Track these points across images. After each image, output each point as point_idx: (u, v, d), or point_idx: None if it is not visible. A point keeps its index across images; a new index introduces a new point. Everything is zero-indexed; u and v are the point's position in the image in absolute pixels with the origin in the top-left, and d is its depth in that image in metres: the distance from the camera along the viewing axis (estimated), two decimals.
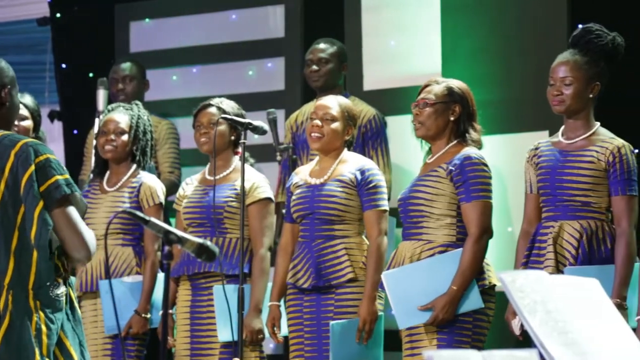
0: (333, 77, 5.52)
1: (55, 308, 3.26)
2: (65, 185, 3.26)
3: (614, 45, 4.07)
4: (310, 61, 5.54)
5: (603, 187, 4.00)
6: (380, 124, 5.47)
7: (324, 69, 5.50)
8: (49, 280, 3.24)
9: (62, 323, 3.27)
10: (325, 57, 5.52)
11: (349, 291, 4.35)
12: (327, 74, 5.50)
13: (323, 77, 5.50)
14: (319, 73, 5.49)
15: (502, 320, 4.14)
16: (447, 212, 4.11)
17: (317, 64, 5.50)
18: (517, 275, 2.35)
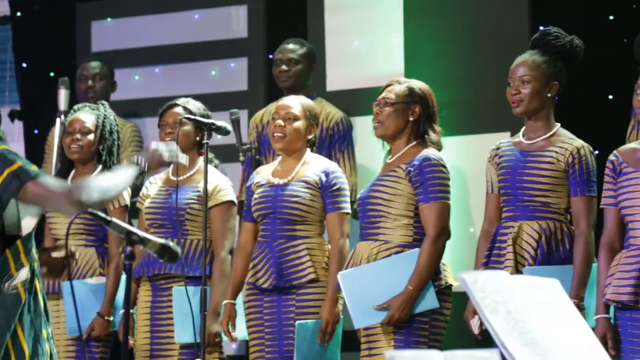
0: (302, 78, 5.52)
1: (10, 303, 3.20)
2: (28, 166, 3.20)
3: (572, 47, 4.12)
4: (280, 61, 5.54)
5: (562, 188, 4.04)
6: (347, 126, 5.49)
7: (293, 69, 5.51)
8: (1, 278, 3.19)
9: (20, 314, 3.22)
10: (295, 57, 5.52)
11: (310, 292, 4.36)
12: (296, 75, 5.50)
13: (292, 78, 5.50)
14: (288, 73, 5.49)
15: (461, 320, 4.17)
16: (405, 213, 4.13)
17: (287, 64, 5.50)
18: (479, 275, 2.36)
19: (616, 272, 3.71)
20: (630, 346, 3.68)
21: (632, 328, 3.69)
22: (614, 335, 3.72)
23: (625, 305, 3.69)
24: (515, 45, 5.40)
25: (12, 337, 3.20)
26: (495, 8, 5.72)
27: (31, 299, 3.26)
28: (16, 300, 3.22)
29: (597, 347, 2.39)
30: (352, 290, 4.12)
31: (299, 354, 4.24)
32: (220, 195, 4.66)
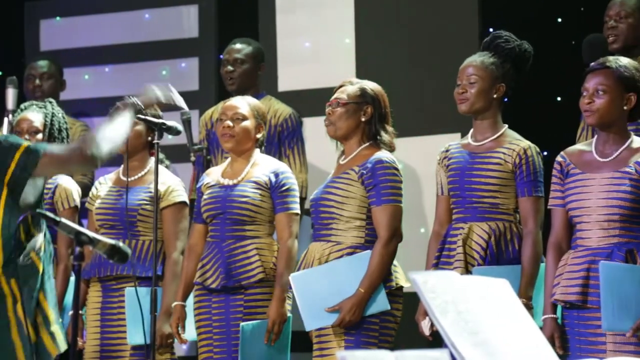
0: (249, 78, 5.51)
1: (27, 274, 3.24)
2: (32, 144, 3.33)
3: (521, 51, 4.16)
4: (226, 61, 5.52)
5: (510, 189, 4.08)
6: (296, 123, 5.48)
7: (239, 69, 5.49)
8: (14, 252, 3.24)
9: (41, 283, 3.28)
10: (241, 57, 5.51)
11: (258, 291, 4.35)
12: (242, 75, 5.49)
13: (238, 79, 5.49)
14: (234, 74, 5.48)
15: (412, 321, 4.19)
16: (357, 215, 4.14)
17: (233, 65, 5.49)
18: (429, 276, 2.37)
19: (564, 272, 3.74)
20: (577, 345, 3.73)
21: (579, 327, 3.73)
22: (561, 334, 3.76)
23: (573, 305, 3.73)
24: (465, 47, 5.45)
25: (37, 307, 3.25)
26: (446, 10, 5.76)
27: (48, 267, 3.30)
28: (33, 271, 3.27)
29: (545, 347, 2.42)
30: (303, 292, 4.12)
31: (243, 356, 4.23)
32: (172, 196, 4.64)
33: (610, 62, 3.75)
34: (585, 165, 3.76)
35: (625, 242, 3.68)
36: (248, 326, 4.25)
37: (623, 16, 4.79)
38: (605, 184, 3.70)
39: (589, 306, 3.69)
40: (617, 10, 4.81)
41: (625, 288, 3.62)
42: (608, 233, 3.69)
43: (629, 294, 3.61)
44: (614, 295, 3.61)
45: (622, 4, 4.83)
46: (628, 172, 3.69)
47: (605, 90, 3.71)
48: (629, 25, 4.78)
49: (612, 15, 4.82)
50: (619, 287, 3.62)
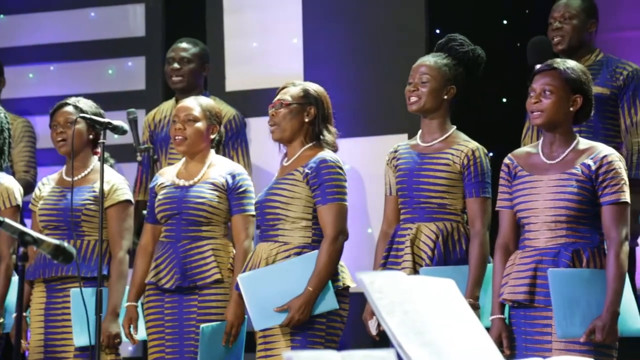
0: (194, 78, 5.49)
1: None
2: None
3: (474, 55, 4.19)
4: (172, 59, 5.50)
5: (458, 190, 4.10)
6: (240, 124, 5.48)
7: (185, 68, 5.47)
8: None
9: None
10: (187, 56, 5.49)
11: (213, 292, 4.33)
12: (188, 74, 5.47)
13: (184, 77, 5.47)
14: (180, 72, 5.46)
15: (359, 321, 4.20)
16: (303, 215, 4.14)
17: (179, 63, 5.47)
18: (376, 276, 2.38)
19: (512, 272, 3.77)
20: (523, 344, 3.76)
21: (525, 326, 3.76)
22: (509, 335, 3.79)
23: (520, 304, 3.76)
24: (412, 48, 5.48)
25: None
26: (393, 11, 5.78)
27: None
28: None
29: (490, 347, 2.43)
30: (251, 292, 4.11)
31: (202, 357, 4.21)
32: (117, 195, 4.61)
33: (557, 63, 3.79)
34: (533, 167, 3.79)
35: (572, 242, 3.71)
36: (208, 328, 4.24)
37: (567, 17, 4.83)
38: (553, 185, 3.73)
39: (535, 305, 3.72)
40: (562, 11, 4.86)
41: (574, 293, 3.66)
42: (555, 234, 3.72)
43: (578, 298, 3.65)
44: (564, 301, 3.65)
45: (567, 5, 4.87)
46: (574, 173, 3.73)
47: (552, 91, 3.75)
48: (573, 26, 4.83)
49: (556, 17, 4.87)
50: (568, 293, 3.65)
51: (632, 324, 3.74)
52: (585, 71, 3.81)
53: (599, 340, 3.62)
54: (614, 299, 3.63)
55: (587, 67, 4.72)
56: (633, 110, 4.74)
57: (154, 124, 5.51)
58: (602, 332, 3.61)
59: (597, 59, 4.83)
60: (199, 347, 4.20)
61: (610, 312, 3.62)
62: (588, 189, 3.71)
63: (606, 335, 3.61)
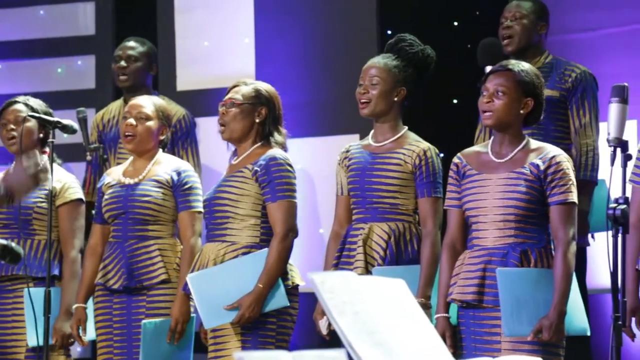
0: (141, 76, 5.47)
1: None
2: None
3: (424, 55, 4.21)
4: (119, 57, 5.48)
5: (410, 190, 4.12)
6: (190, 124, 5.46)
7: (132, 66, 5.45)
8: None
9: None
10: (135, 55, 5.46)
11: (161, 292, 4.32)
12: (134, 72, 5.44)
13: (131, 76, 5.44)
14: (126, 70, 5.43)
15: (310, 321, 4.20)
16: (252, 213, 4.14)
17: (126, 61, 5.44)
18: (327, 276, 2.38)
19: (461, 272, 3.80)
20: (472, 344, 3.78)
21: (474, 326, 3.79)
22: (452, 333, 3.81)
23: (469, 305, 3.79)
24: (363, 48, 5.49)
25: None
26: (345, 11, 5.80)
27: None
28: None
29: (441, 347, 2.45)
30: (201, 291, 4.10)
31: (145, 354, 4.19)
32: (68, 194, 4.58)
33: (512, 65, 3.82)
34: (482, 166, 3.82)
35: (520, 242, 3.74)
36: (150, 324, 4.22)
37: (518, 17, 4.87)
38: (501, 184, 3.76)
39: (484, 305, 3.75)
40: (513, 11, 4.89)
41: (522, 292, 3.69)
42: (504, 233, 3.75)
43: (526, 297, 3.68)
44: (512, 300, 3.68)
45: (518, 5, 4.91)
46: (523, 172, 3.76)
47: (505, 92, 3.78)
48: (523, 26, 4.86)
49: (507, 17, 4.90)
50: (516, 292, 3.68)
51: (579, 323, 3.78)
52: (538, 75, 3.85)
53: (546, 339, 3.65)
54: (560, 299, 3.67)
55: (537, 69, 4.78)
56: (582, 112, 4.79)
57: (103, 124, 5.48)
58: (549, 330, 3.64)
59: (546, 61, 4.87)
60: (141, 343, 4.18)
61: (557, 311, 3.66)
62: (536, 189, 3.75)
63: (553, 334, 3.65)
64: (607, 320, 3.37)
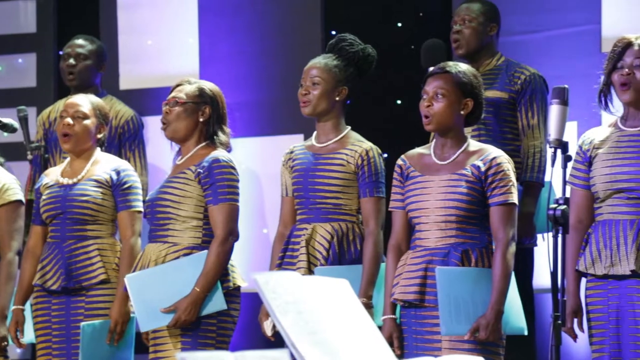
0: (89, 75, 5.42)
1: None
2: None
3: (365, 55, 4.22)
4: (68, 55, 5.43)
5: (353, 190, 4.13)
6: (137, 125, 5.43)
7: (80, 64, 5.40)
8: None
9: None
10: (84, 53, 5.42)
11: (100, 293, 4.29)
12: (83, 71, 5.40)
13: (79, 74, 5.40)
14: (75, 68, 5.38)
15: (254, 321, 4.19)
16: (194, 215, 4.12)
17: (75, 59, 5.40)
18: (270, 276, 2.38)
19: (403, 272, 3.82)
20: (414, 343, 3.80)
21: (416, 326, 3.81)
22: (400, 334, 3.83)
23: (411, 304, 3.81)
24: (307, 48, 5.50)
25: None
26: (289, 11, 5.80)
27: None
28: None
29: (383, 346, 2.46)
30: (138, 293, 4.07)
31: (84, 356, 4.16)
32: (7, 195, 4.53)
33: (449, 67, 3.85)
34: (425, 167, 3.85)
35: (461, 242, 3.77)
36: (89, 326, 4.18)
37: (467, 20, 4.89)
38: (443, 185, 3.79)
39: (426, 305, 3.78)
40: (462, 15, 4.91)
41: (461, 291, 3.72)
42: (445, 234, 3.78)
43: (465, 296, 3.71)
44: (450, 299, 3.70)
45: (467, 8, 4.93)
46: (464, 174, 3.79)
47: (444, 94, 3.81)
48: (472, 30, 4.88)
49: (457, 20, 4.92)
50: (455, 291, 3.71)
51: (516, 323, 3.82)
52: (476, 75, 3.88)
53: (483, 337, 3.69)
54: (498, 298, 3.70)
55: (488, 71, 4.81)
56: (530, 114, 4.83)
57: (49, 122, 5.42)
58: (486, 329, 3.68)
59: (498, 63, 4.89)
60: (80, 346, 4.15)
61: (494, 310, 3.69)
62: (477, 190, 3.78)
63: (490, 333, 3.68)
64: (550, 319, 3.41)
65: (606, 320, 3.77)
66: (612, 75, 3.78)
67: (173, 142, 4.23)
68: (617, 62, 3.76)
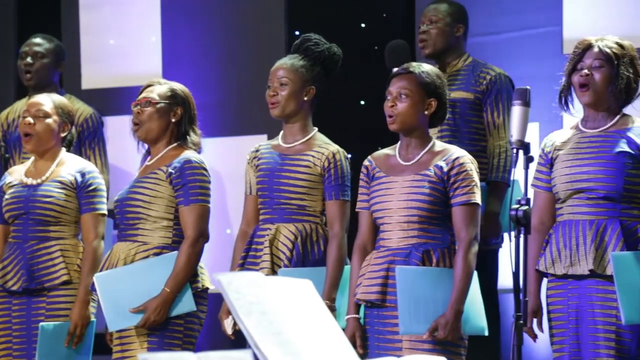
0: (47, 74, 5.38)
1: None
2: None
3: (330, 54, 4.23)
4: (25, 54, 5.40)
5: (318, 192, 4.14)
6: (97, 123, 5.40)
7: (38, 63, 5.37)
8: None
9: None
10: (42, 51, 5.38)
11: (62, 294, 4.27)
12: (40, 70, 5.36)
13: (36, 73, 5.36)
14: (32, 67, 5.35)
15: (217, 322, 4.19)
16: (165, 215, 4.11)
17: (32, 58, 5.36)
18: (234, 276, 2.38)
19: (366, 272, 3.83)
20: (376, 343, 3.81)
21: (378, 325, 3.82)
22: (363, 334, 3.84)
23: (373, 304, 3.82)
24: (271, 49, 5.50)
25: None
26: (253, 11, 5.80)
27: None
28: None
29: (346, 346, 2.46)
30: (107, 292, 4.05)
31: (41, 357, 4.14)
32: None
33: (413, 67, 3.87)
34: (390, 168, 3.86)
35: (423, 242, 3.79)
36: (48, 326, 4.16)
37: (434, 21, 4.91)
38: (406, 186, 3.80)
39: (387, 305, 3.79)
40: (429, 15, 4.94)
41: (420, 291, 3.73)
42: (407, 234, 3.79)
43: (424, 296, 3.72)
44: (410, 298, 3.71)
45: (434, 9, 4.95)
46: (427, 175, 3.81)
47: (408, 94, 3.82)
48: (438, 30, 4.90)
49: (424, 21, 4.94)
50: (414, 290, 3.73)
51: (477, 323, 3.83)
52: (440, 75, 3.90)
53: (441, 337, 3.70)
54: (458, 298, 3.72)
55: (455, 72, 4.84)
56: (496, 114, 4.86)
57: (7, 123, 5.39)
58: (445, 329, 3.69)
59: (464, 64, 4.92)
60: (38, 346, 4.13)
61: (453, 309, 3.71)
62: (440, 190, 3.80)
63: (448, 332, 3.70)
64: (512, 319, 3.43)
65: (566, 320, 3.80)
66: (572, 77, 3.81)
67: (142, 143, 4.21)
68: (577, 64, 3.80)
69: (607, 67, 3.76)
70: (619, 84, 3.76)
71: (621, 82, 3.76)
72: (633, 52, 3.80)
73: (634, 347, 3.71)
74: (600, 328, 3.72)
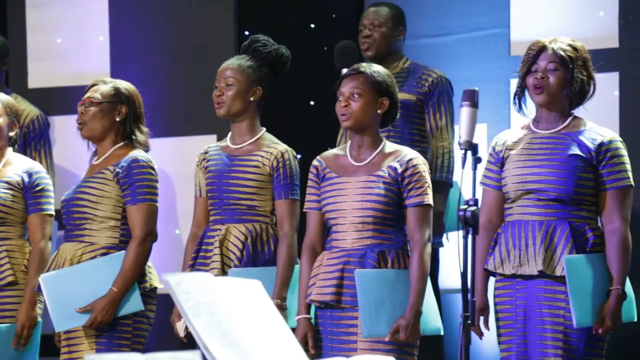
0: None
1: None
2: None
3: (278, 55, 4.24)
4: None
5: (268, 192, 4.14)
6: (43, 124, 5.35)
7: None
8: None
9: None
10: None
11: (7, 295, 4.23)
12: None
13: None
14: None
15: (167, 323, 4.17)
16: (112, 215, 4.09)
17: None
18: (183, 277, 2.37)
19: (320, 273, 3.83)
20: (329, 344, 3.82)
21: (332, 326, 3.82)
22: (314, 334, 3.85)
23: (327, 305, 3.82)
24: (221, 49, 5.49)
25: None
26: (202, 11, 5.78)
27: None
28: None
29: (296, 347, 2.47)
30: (53, 293, 4.02)
31: None
32: None
33: (364, 67, 3.89)
34: (341, 169, 3.87)
35: (378, 243, 3.80)
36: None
37: (376, 25, 4.96)
38: (360, 187, 3.81)
39: (342, 306, 3.79)
40: (371, 19, 4.98)
41: (380, 293, 3.74)
42: (362, 235, 3.80)
43: (384, 298, 3.74)
44: (370, 301, 3.73)
45: (376, 12, 4.99)
46: (381, 175, 3.82)
47: (360, 94, 3.84)
48: (381, 34, 4.95)
49: (366, 24, 4.98)
50: (374, 293, 3.74)
51: (433, 323, 3.86)
52: (390, 75, 3.93)
53: (403, 339, 3.72)
54: (416, 299, 3.74)
55: (395, 74, 4.86)
56: (438, 116, 4.91)
57: None
58: (406, 331, 3.71)
59: (404, 66, 4.98)
60: None
61: (413, 311, 3.73)
62: (394, 191, 3.81)
63: (409, 334, 3.72)
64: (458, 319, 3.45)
65: (514, 320, 3.83)
66: (527, 79, 3.84)
67: (90, 142, 4.19)
68: (532, 66, 3.83)
69: (562, 70, 3.79)
70: (573, 88, 3.79)
71: (576, 85, 3.79)
72: (585, 55, 3.84)
73: (581, 347, 3.75)
74: (548, 328, 3.76)
